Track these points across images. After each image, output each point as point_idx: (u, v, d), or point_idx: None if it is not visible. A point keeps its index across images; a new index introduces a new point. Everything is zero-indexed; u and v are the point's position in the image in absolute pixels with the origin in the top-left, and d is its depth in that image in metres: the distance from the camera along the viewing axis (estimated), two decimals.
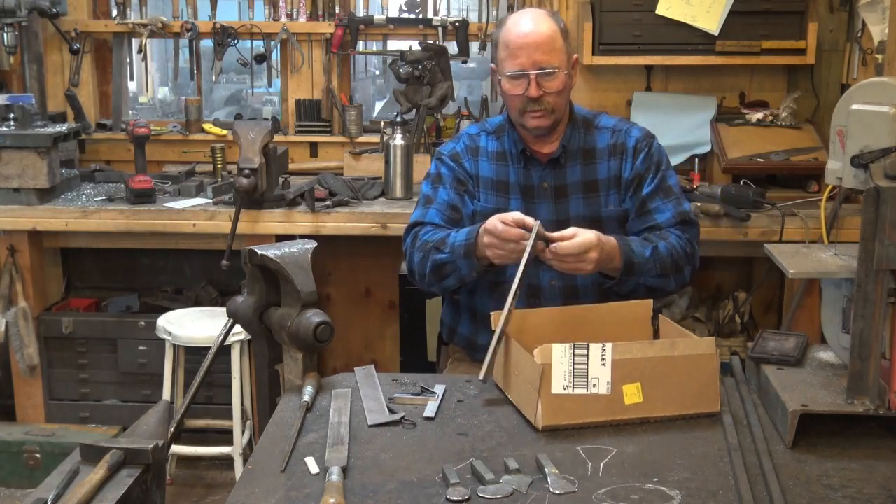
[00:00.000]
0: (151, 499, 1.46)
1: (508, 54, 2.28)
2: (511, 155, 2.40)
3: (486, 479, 1.52)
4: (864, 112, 1.83)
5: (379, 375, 1.98)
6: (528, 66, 2.25)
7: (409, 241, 2.38)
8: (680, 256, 2.29)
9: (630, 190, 2.36)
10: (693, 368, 1.76)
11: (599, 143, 2.39)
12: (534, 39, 2.25)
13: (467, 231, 2.23)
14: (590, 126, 2.42)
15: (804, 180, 3.44)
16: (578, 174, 2.37)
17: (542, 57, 2.25)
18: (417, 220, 2.39)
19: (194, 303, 3.74)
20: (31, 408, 3.50)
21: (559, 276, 2.30)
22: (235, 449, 3.25)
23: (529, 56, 2.25)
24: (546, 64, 2.25)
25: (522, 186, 2.38)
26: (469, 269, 2.22)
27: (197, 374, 2.01)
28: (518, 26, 2.28)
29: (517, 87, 2.27)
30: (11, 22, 3.53)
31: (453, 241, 2.24)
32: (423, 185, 2.47)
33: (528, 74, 2.25)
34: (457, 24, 3.80)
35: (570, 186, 2.36)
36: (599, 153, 2.38)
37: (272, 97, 5.21)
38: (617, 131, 2.40)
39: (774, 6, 3.49)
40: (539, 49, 2.25)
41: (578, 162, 2.38)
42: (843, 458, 1.63)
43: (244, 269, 1.96)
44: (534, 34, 2.26)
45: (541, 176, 2.38)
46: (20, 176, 3.31)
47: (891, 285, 1.63)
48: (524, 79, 2.26)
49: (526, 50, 2.25)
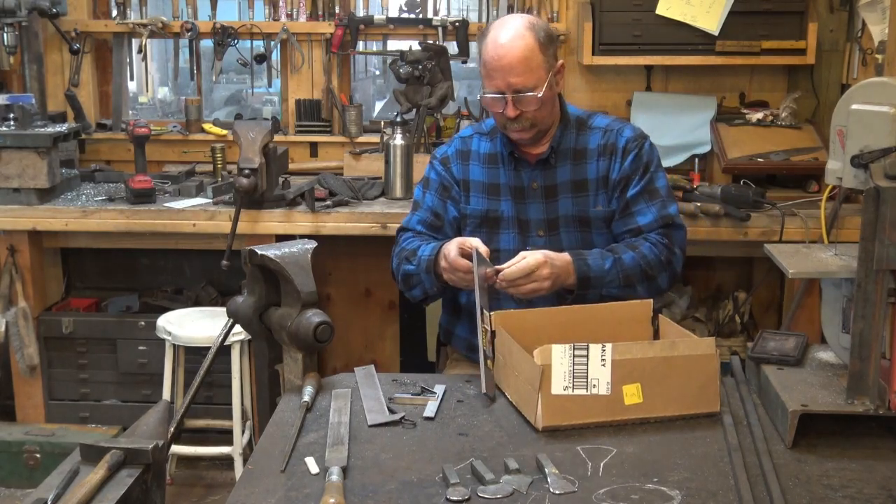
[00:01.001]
0: (151, 499, 1.46)
1: (486, 73, 2.27)
2: (502, 156, 2.40)
3: (486, 479, 1.52)
4: (864, 112, 1.83)
5: (379, 375, 1.98)
6: (504, 88, 2.24)
7: (395, 245, 2.46)
8: (652, 265, 2.26)
9: (616, 191, 2.35)
10: (693, 369, 1.76)
11: (591, 143, 2.38)
12: (507, 63, 2.22)
13: (432, 247, 2.28)
14: (583, 126, 2.41)
15: (804, 180, 3.44)
16: (568, 174, 2.37)
17: (517, 80, 2.22)
18: (403, 226, 2.48)
19: (194, 303, 3.74)
20: (31, 408, 3.50)
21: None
22: (235, 449, 3.25)
23: (504, 78, 2.23)
24: (520, 86, 2.23)
25: (513, 187, 2.38)
26: (430, 284, 2.28)
27: (197, 374, 2.01)
28: (494, 43, 2.25)
29: (496, 105, 2.28)
30: (11, 22, 3.53)
31: (421, 254, 2.30)
32: (417, 187, 2.54)
33: (504, 96, 2.24)
34: (457, 24, 3.80)
35: (560, 186, 2.36)
36: (590, 153, 2.38)
37: (272, 97, 5.21)
38: (609, 131, 2.39)
39: (774, 6, 3.49)
40: (513, 72, 2.22)
41: (569, 162, 2.37)
42: (843, 458, 1.64)
43: (244, 269, 1.96)
44: (508, 56, 2.22)
45: (530, 176, 2.38)
46: (20, 176, 3.31)
47: (891, 285, 1.63)
48: (501, 100, 2.25)
49: (500, 72, 2.23)
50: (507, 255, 2.26)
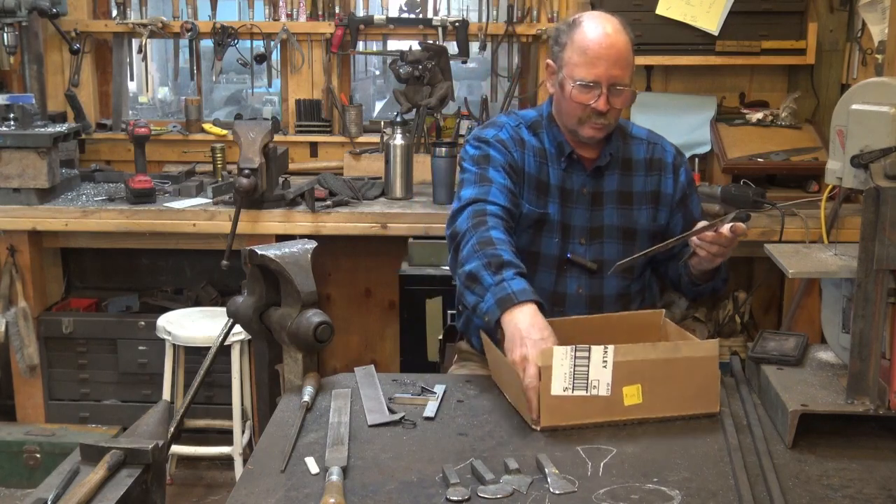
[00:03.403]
0: (151, 499, 1.46)
1: (585, 61, 2.16)
2: (550, 154, 2.30)
3: (486, 479, 1.52)
4: (864, 112, 1.83)
5: (379, 375, 1.98)
6: (604, 79, 2.15)
7: (464, 218, 2.10)
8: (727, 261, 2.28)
9: (674, 206, 2.35)
10: (694, 370, 1.76)
11: (636, 154, 2.34)
12: (615, 52, 2.15)
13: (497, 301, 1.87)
14: (624, 135, 2.36)
15: (804, 180, 3.44)
16: (615, 184, 2.32)
17: (618, 72, 2.16)
18: (477, 197, 2.14)
19: (194, 303, 3.74)
20: (31, 408, 3.50)
21: (587, 283, 2.28)
22: (235, 449, 3.25)
23: (607, 69, 2.15)
24: (620, 80, 2.16)
25: (562, 189, 2.29)
26: (479, 324, 2.01)
27: (197, 374, 2.02)
28: (597, 32, 2.16)
29: (586, 96, 2.17)
30: (11, 22, 3.53)
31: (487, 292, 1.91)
32: (466, 165, 2.25)
33: (601, 87, 2.16)
34: (457, 24, 3.80)
35: (607, 195, 2.31)
36: (636, 165, 2.33)
37: (272, 97, 5.20)
38: (652, 144, 2.36)
39: (774, 6, 3.49)
40: (617, 64, 2.15)
41: (616, 171, 2.32)
42: (843, 458, 1.64)
43: (244, 269, 1.96)
44: (615, 46, 2.16)
45: (581, 181, 2.30)
46: (20, 176, 3.31)
47: (891, 285, 1.63)
48: (596, 90, 2.16)
49: (605, 61, 2.14)
50: (548, 260, 2.25)
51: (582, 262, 2.28)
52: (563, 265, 2.28)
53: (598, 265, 2.29)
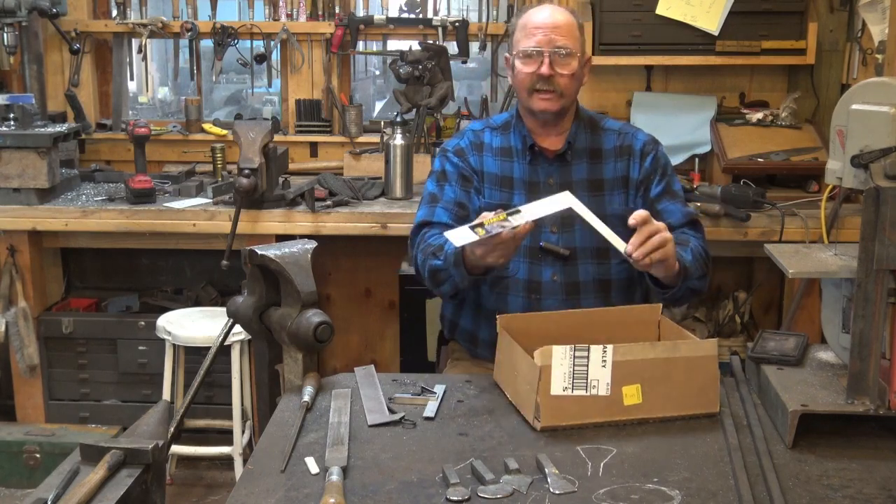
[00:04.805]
0: (151, 499, 1.46)
1: (525, 34, 2.30)
2: (516, 150, 2.40)
3: (486, 479, 1.52)
4: (864, 112, 1.83)
5: (379, 375, 1.98)
6: (544, 44, 2.27)
7: (416, 241, 2.35)
8: (705, 257, 2.30)
9: (639, 190, 2.38)
10: (694, 370, 1.76)
11: (606, 144, 2.41)
12: (552, 21, 2.29)
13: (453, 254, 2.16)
14: (595, 127, 2.43)
15: (804, 180, 3.43)
16: (584, 172, 2.38)
17: (559, 37, 2.28)
18: (424, 220, 2.36)
19: (194, 303, 3.74)
20: (31, 408, 3.50)
21: (561, 270, 2.32)
22: (235, 449, 3.25)
23: (546, 34, 2.28)
24: (562, 44, 2.28)
25: (527, 182, 2.38)
26: (460, 277, 2.18)
27: (197, 374, 2.02)
28: (539, 11, 2.32)
29: (530, 64, 2.29)
30: (11, 22, 3.53)
31: (447, 248, 2.19)
32: (428, 182, 2.45)
33: (542, 52, 2.27)
34: (457, 24, 3.80)
35: (576, 184, 2.36)
36: (606, 153, 2.40)
37: (272, 97, 5.20)
38: (623, 133, 2.43)
39: (774, 6, 3.49)
40: (556, 30, 2.28)
41: (585, 160, 2.39)
42: (843, 458, 1.64)
43: (244, 269, 1.96)
44: (554, 17, 2.30)
45: (547, 172, 2.38)
46: (20, 176, 3.31)
47: (891, 285, 1.63)
48: (538, 56, 2.28)
49: (543, 29, 2.28)
50: (521, 249, 2.26)
51: (555, 250, 2.33)
52: (536, 254, 2.34)
53: (572, 252, 2.33)
